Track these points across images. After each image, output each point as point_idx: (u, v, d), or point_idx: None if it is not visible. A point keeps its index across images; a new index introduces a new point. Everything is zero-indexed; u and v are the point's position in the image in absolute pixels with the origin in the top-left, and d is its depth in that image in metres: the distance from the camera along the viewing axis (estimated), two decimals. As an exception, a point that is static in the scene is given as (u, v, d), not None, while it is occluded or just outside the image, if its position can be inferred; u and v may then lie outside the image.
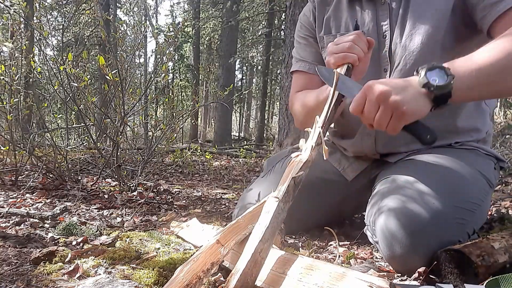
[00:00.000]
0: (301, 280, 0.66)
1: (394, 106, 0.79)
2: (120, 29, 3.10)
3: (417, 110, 0.81)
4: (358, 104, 0.84)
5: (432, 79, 0.81)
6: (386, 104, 0.79)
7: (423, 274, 0.86)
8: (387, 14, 1.14)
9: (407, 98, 0.79)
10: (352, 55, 1.00)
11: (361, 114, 0.84)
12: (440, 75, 0.81)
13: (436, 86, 0.80)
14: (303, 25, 1.35)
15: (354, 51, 1.00)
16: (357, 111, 0.85)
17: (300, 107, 1.28)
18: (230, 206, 1.95)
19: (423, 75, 0.82)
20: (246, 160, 5.07)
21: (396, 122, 0.81)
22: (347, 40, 1.01)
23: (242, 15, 9.78)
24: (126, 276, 0.86)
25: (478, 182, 1.05)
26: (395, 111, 0.79)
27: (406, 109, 0.79)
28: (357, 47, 1.00)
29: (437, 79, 0.81)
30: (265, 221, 0.72)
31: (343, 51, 1.00)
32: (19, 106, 2.53)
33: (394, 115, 0.80)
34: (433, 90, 0.80)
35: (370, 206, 1.06)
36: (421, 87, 0.81)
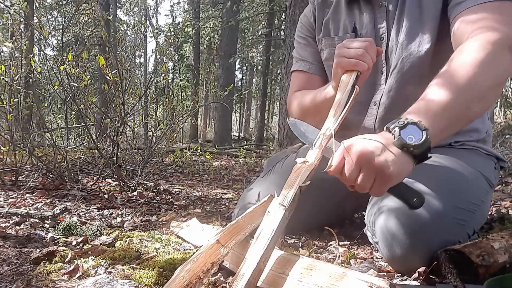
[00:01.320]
0: (301, 280, 0.66)
1: (378, 170, 0.73)
2: (120, 29, 3.10)
3: (401, 171, 0.74)
4: (336, 167, 0.77)
5: (408, 138, 0.74)
6: (369, 168, 0.73)
7: (423, 274, 0.86)
8: (384, 17, 1.15)
9: (390, 160, 0.73)
10: (363, 64, 0.96)
11: (340, 175, 0.78)
12: (414, 131, 0.75)
13: (415, 146, 0.74)
14: (303, 26, 1.36)
15: (366, 59, 0.97)
16: (336, 172, 0.78)
17: (296, 107, 1.28)
18: (230, 206, 1.96)
19: (397, 135, 0.75)
20: (246, 160, 5.07)
21: (381, 186, 0.75)
22: (360, 46, 0.98)
23: (242, 15, 9.78)
24: (126, 276, 0.86)
25: (478, 182, 1.05)
26: (379, 175, 0.73)
27: (392, 171, 0.72)
28: (368, 56, 0.97)
29: (413, 137, 0.75)
30: (270, 230, 0.71)
31: (356, 57, 0.97)
32: (19, 106, 2.53)
33: (378, 179, 0.74)
34: (412, 150, 0.74)
35: (370, 206, 1.06)
36: (399, 148, 0.75)
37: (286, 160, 1.41)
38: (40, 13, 6.02)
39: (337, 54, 1.01)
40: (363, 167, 0.74)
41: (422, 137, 0.74)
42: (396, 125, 0.76)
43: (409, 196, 0.78)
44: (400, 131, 0.75)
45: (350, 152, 0.75)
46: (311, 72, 1.32)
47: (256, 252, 0.68)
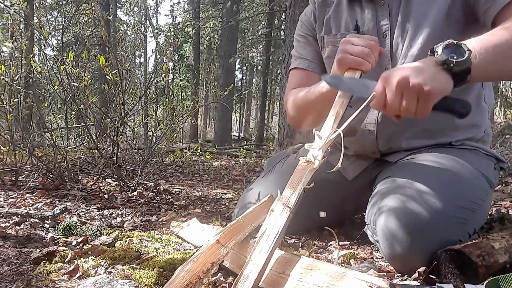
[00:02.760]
0: (301, 280, 0.66)
1: (417, 89, 0.76)
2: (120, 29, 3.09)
3: (441, 87, 0.78)
4: (379, 99, 0.81)
5: (450, 56, 0.79)
6: (409, 90, 0.77)
7: (423, 274, 0.86)
8: (387, 14, 1.15)
9: (428, 78, 0.77)
10: (368, 64, 0.96)
11: (384, 108, 0.82)
12: (458, 51, 0.80)
13: (456, 62, 0.78)
14: (303, 24, 1.36)
15: (371, 60, 0.96)
16: (379, 105, 0.82)
17: (291, 103, 1.28)
18: (230, 206, 1.96)
19: (440, 52, 0.80)
20: (246, 160, 5.07)
21: (424, 104, 0.78)
22: (365, 44, 0.97)
23: (242, 15, 9.79)
24: (126, 276, 0.86)
25: (479, 182, 1.05)
26: (420, 94, 0.77)
27: (430, 88, 0.76)
28: (373, 56, 0.97)
29: (455, 55, 0.79)
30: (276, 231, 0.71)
31: (361, 56, 0.96)
32: (19, 106, 2.53)
33: (421, 98, 0.77)
34: (452, 66, 0.78)
35: (371, 206, 1.06)
36: (439, 65, 0.80)
37: (287, 160, 1.41)
38: (40, 13, 6.03)
39: (341, 49, 1.00)
40: (404, 91, 0.78)
41: (465, 55, 0.78)
42: (442, 44, 0.81)
43: (456, 105, 0.80)
44: (443, 49, 0.80)
45: (388, 81, 0.79)
46: (310, 70, 1.31)
47: (261, 253, 0.67)
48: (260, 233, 0.72)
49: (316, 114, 1.20)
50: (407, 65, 0.82)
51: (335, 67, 1.01)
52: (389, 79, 0.80)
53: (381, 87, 0.81)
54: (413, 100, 0.78)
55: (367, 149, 1.27)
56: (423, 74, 0.78)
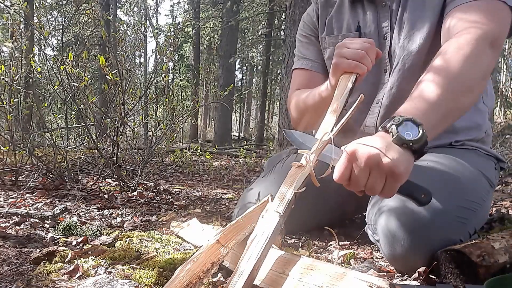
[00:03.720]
0: (301, 280, 0.66)
1: (388, 169, 0.71)
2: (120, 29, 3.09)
3: (407, 168, 0.74)
4: (343, 174, 0.75)
5: (406, 134, 0.75)
6: (379, 169, 0.72)
7: (423, 274, 0.86)
8: (388, 16, 1.15)
9: (396, 159, 0.72)
10: (363, 67, 0.95)
11: (348, 181, 0.76)
12: (411, 127, 0.76)
13: (414, 141, 0.74)
14: (306, 24, 1.36)
15: (366, 62, 0.95)
16: (343, 180, 0.75)
17: (294, 105, 1.29)
18: (230, 206, 1.95)
19: (395, 132, 0.75)
20: (246, 160, 5.07)
21: (392, 185, 0.73)
22: (360, 47, 0.96)
23: (242, 15, 9.78)
24: (126, 276, 0.86)
25: (479, 182, 1.05)
26: (389, 175, 0.72)
27: (403, 169, 0.72)
28: (368, 58, 0.96)
29: (410, 133, 0.75)
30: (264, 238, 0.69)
31: (356, 59, 0.95)
32: (19, 106, 2.53)
33: (389, 179, 0.72)
34: (412, 145, 0.74)
35: (371, 206, 1.07)
36: (399, 145, 0.74)
37: (287, 160, 1.41)
38: (40, 13, 6.03)
39: (336, 53, 0.99)
40: (373, 170, 0.72)
41: (419, 132, 0.75)
42: (393, 123, 0.76)
43: (418, 193, 0.78)
44: (397, 129, 0.75)
45: (356, 158, 0.74)
46: (314, 70, 1.31)
47: (250, 260, 0.67)
48: (250, 239, 0.71)
49: (317, 117, 1.21)
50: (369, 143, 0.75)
51: (332, 71, 1.01)
52: (356, 154, 0.73)
53: (347, 162, 0.75)
54: (381, 179, 0.73)
55: None
56: (390, 153, 0.72)
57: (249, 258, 0.67)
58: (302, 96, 1.24)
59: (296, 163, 0.81)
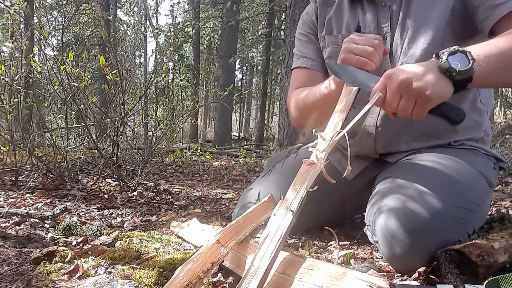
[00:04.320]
0: (301, 280, 0.66)
1: (417, 93, 0.78)
2: (120, 29, 3.09)
3: (440, 94, 0.79)
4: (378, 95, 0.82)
5: (454, 64, 0.79)
6: (409, 92, 0.78)
7: (423, 274, 0.86)
8: (388, 16, 1.15)
9: (429, 83, 0.78)
10: (372, 64, 0.96)
11: (383, 104, 0.83)
12: (462, 59, 0.80)
13: (459, 71, 0.79)
14: (305, 23, 1.36)
15: (375, 59, 0.96)
16: (378, 102, 0.83)
17: (293, 103, 1.28)
18: (230, 206, 1.95)
19: (444, 59, 0.80)
20: (246, 160, 5.07)
21: (421, 108, 0.80)
22: (369, 44, 0.97)
23: (242, 15, 9.78)
24: (126, 276, 0.86)
25: (478, 182, 1.05)
26: (419, 98, 0.78)
27: (430, 93, 0.78)
28: (377, 55, 0.97)
29: (459, 63, 0.79)
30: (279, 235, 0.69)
31: (365, 56, 0.95)
32: (19, 106, 2.53)
33: (419, 101, 0.79)
34: (455, 75, 0.79)
35: (370, 206, 1.06)
36: (442, 72, 0.80)
37: (287, 160, 1.41)
38: (40, 13, 6.03)
39: (344, 49, 0.99)
40: (404, 92, 0.78)
41: (468, 65, 0.79)
42: (447, 50, 0.81)
43: (451, 112, 0.81)
44: (448, 56, 0.80)
45: (391, 80, 0.80)
46: (313, 68, 1.31)
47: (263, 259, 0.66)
48: (263, 237, 0.71)
49: (318, 115, 1.20)
50: (411, 66, 0.82)
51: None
52: (392, 77, 0.80)
53: (383, 84, 0.82)
54: (411, 102, 0.79)
55: (366, 151, 1.27)
56: (425, 78, 0.78)
57: (263, 257, 0.66)
58: (301, 94, 1.24)
59: (307, 160, 0.81)
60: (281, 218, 0.73)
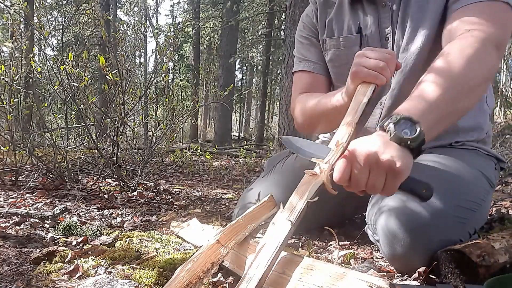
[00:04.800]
0: (301, 280, 0.66)
1: (387, 166, 0.70)
2: (120, 29, 3.10)
3: (407, 165, 0.73)
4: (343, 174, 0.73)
5: (403, 133, 0.74)
6: (378, 167, 0.71)
7: (423, 274, 0.86)
8: (389, 17, 1.14)
9: (395, 155, 0.71)
10: (383, 78, 0.92)
11: (348, 182, 0.74)
12: (407, 126, 0.75)
13: (411, 139, 0.73)
14: (306, 25, 1.35)
15: (386, 74, 0.92)
16: (343, 181, 0.74)
17: (299, 111, 1.27)
18: (230, 206, 1.95)
19: (393, 131, 0.75)
20: (246, 160, 5.07)
21: (393, 182, 0.72)
22: (381, 57, 0.93)
23: (242, 15, 9.78)
24: (126, 276, 0.86)
25: (479, 182, 1.05)
26: (389, 171, 0.71)
27: (400, 166, 0.71)
28: (388, 70, 0.92)
29: (408, 131, 0.75)
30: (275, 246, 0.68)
31: (376, 70, 0.92)
32: (19, 106, 2.53)
33: (389, 175, 0.72)
34: (409, 143, 0.74)
35: (371, 206, 1.06)
36: (397, 144, 0.74)
37: (287, 160, 1.41)
38: (40, 13, 6.03)
39: (356, 62, 0.96)
40: (372, 168, 0.72)
41: (416, 130, 0.74)
42: (390, 121, 0.76)
43: (419, 188, 0.77)
44: (395, 127, 0.75)
45: (354, 157, 0.73)
46: (316, 72, 1.30)
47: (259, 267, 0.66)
48: (260, 246, 0.70)
49: (327, 124, 1.20)
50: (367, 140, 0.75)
51: (349, 80, 0.97)
52: (355, 153, 0.73)
53: (346, 162, 0.74)
54: (381, 177, 0.72)
55: None
56: (389, 150, 0.72)
57: (258, 265, 0.66)
58: (309, 102, 1.21)
59: (310, 171, 0.79)
60: (279, 227, 0.72)
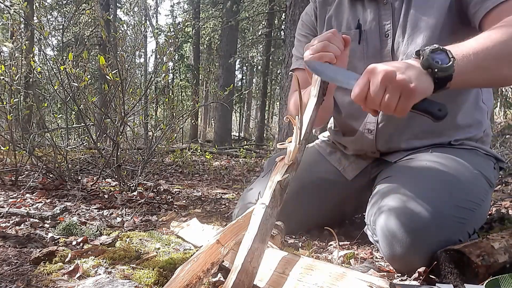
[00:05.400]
0: (301, 280, 0.66)
1: (402, 85, 0.76)
2: (120, 29, 3.09)
3: (424, 88, 0.78)
4: (361, 90, 0.80)
5: (435, 61, 0.79)
6: (393, 84, 0.76)
7: (423, 274, 0.86)
8: (390, 14, 1.15)
9: (413, 77, 0.77)
10: (328, 54, 0.98)
11: (365, 100, 0.80)
12: (443, 57, 0.80)
13: (440, 68, 0.79)
14: (304, 24, 1.36)
15: (329, 49, 0.99)
16: (360, 97, 0.80)
17: (292, 106, 1.29)
18: (230, 206, 1.95)
19: (426, 56, 0.80)
20: (246, 160, 5.07)
21: (405, 102, 0.77)
22: (321, 39, 1.01)
23: (242, 15, 9.78)
24: (126, 276, 0.86)
25: (478, 182, 1.05)
26: (403, 90, 0.76)
27: (415, 86, 0.76)
28: (332, 45, 0.99)
29: (439, 61, 0.80)
30: (253, 230, 0.69)
31: (319, 50, 0.99)
32: (19, 106, 2.53)
33: (403, 94, 0.77)
34: (436, 71, 0.79)
35: (370, 206, 1.07)
36: (424, 68, 0.80)
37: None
38: (40, 13, 6.02)
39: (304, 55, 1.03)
40: (388, 85, 0.77)
41: (449, 62, 0.79)
42: (428, 48, 0.81)
43: (433, 108, 0.80)
44: (429, 53, 0.80)
45: (373, 74, 0.78)
46: None
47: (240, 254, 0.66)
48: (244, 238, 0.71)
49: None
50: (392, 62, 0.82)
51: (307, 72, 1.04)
52: (374, 71, 0.79)
53: (366, 79, 0.80)
54: (395, 95, 0.77)
55: (366, 149, 1.27)
56: (408, 72, 0.78)
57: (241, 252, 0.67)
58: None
59: (279, 157, 0.84)
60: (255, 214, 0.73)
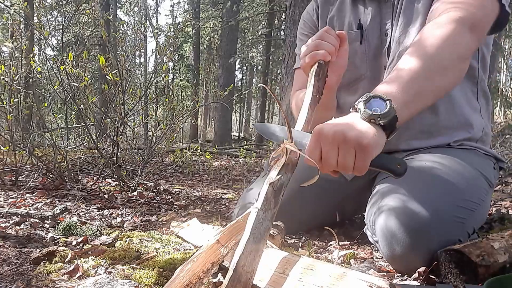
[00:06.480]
0: (301, 280, 0.66)
1: (355, 142, 0.71)
2: (120, 29, 3.09)
3: (377, 142, 0.74)
4: (312, 153, 0.75)
5: (373, 110, 0.75)
6: (346, 143, 0.72)
7: (423, 274, 0.86)
8: (390, 12, 1.15)
9: (363, 132, 0.72)
10: (321, 52, 0.98)
11: (320, 162, 0.75)
12: (378, 104, 0.76)
13: (381, 115, 0.74)
14: (306, 23, 1.36)
15: (322, 47, 0.99)
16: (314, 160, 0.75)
17: (294, 106, 1.30)
18: (230, 206, 1.96)
19: (362, 109, 0.76)
20: (246, 160, 5.07)
21: (362, 159, 0.72)
22: (316, 37, 1.01)
23: (242, 15, 9.78)
24: (126, 276, 0.86)
25: (478, 182, 1.05)
26: (357, 147, 0.71)
27: (368, 142, 0.71)
28: (325, 42, 0.99)
29: (378, 108, 0.76)
30: (245, 235, 0.69)
31: (311, 50, 1.00)
32: (19, 106, 2.53)
33: (358, 152, 0.72)
34: (380, 120, 0.74)
35: (370, 206, 1.07)
36: (367, 121, 0.75)
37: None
38: (40, 13, 6.02)
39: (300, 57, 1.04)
40: (340, 145, 0.73)
41: (387, 106, 0.76)
42: (360, 100, 0.78)
43: (392, 164, 0.77)
44: (365, 105, 0.76)
45: (322, 135, 0.74)
46: None
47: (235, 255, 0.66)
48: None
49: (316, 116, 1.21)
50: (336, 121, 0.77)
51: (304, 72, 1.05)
52: (322, 133, 0.74)
53: (315, 142, 0.75)
54: (350, 154, 0.72)
55: None
56: (358, 127, 0.73)
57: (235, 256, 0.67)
58: (300, 95, 1.24)
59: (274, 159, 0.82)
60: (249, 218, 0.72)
